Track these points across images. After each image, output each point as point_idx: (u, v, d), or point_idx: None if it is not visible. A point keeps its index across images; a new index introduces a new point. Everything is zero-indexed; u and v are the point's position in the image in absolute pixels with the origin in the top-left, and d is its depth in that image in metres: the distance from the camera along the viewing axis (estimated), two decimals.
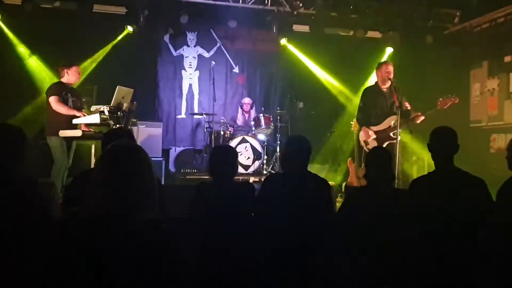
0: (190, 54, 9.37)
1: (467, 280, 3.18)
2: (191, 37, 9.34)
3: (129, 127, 6.44)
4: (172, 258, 1.86)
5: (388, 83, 6.22)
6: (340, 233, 3.62)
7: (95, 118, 5.88)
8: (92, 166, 5.67)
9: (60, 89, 6.13)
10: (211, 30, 9.37)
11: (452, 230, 3.21)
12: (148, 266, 1.78)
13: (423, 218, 3.27)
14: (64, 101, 6.11)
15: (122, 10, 8.25)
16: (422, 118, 6.02)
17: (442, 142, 3.44)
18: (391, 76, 6.20)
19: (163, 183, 7.51)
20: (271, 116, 8.56)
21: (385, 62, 6.42)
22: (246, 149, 8.25)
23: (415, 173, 8.06)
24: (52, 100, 6.02)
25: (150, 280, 1.79)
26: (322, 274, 3.43)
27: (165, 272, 1.82)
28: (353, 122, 6.83)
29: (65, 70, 6.20)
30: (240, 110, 9.17)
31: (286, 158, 3.79)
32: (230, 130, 8.61)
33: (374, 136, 6.24)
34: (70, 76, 6.21)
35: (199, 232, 3.47)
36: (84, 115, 6.02)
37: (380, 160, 3.56)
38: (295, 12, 8.62)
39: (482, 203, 3.32)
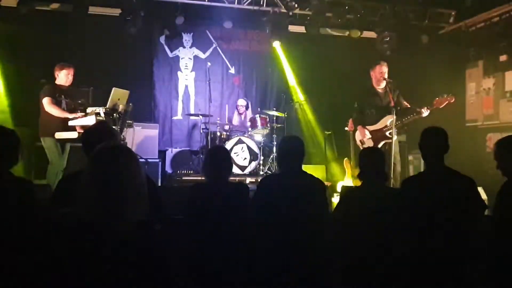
0: (186, 55, 9.36)
1: (457, 278, 3.21)
2: (186, 38, 9.34)
3: (125, 128, 6.45)
4: (162, 260, 1.86)
5: (383, 83, 6.26)
6: (335, 233, 3.63)
7: (90, 120, 5.89)
8: None
9: (53, 91, 6.13)
10: (207, 31, 9.37)
11: (442, 229, 3.23)
12: (138, 267, 1.78)
13: (413, 217, 3.29)
14: (57, 103, 6.11)
15: (117, 11, 8.22)
16: (428, 111, 6.05)
17: (432, 141, 3.46)
18: (385, 76, 6.23)
19: (159, 184, 7.51)
20: (267, 117, 8.57)
21: (378, 63, 6.40)
22: (243, 150, 8.25)
23: (411, 173, 8.07)
24: (45, 101, 6.03)
25: (140, 281, 1.79)
26: (318, 273, 3.43)
27: (155, 273, 1.82)
28: (349, 122, 6.84)
29: (56, 72, 6.23)
30: (236, 111, 9.18)
31: (280, 158, 3.80)
32: (226, 131, 8.61)
33: (369, 136, 6.26)
34: (60, 79, 6.23)
35: (194, 233, 3.47)
36: (78, 117, 6.02)
37: (372, 160, 3.58)
38: (290, 13, 8.62)
39: (471, 202, 3.34)
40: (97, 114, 5.92)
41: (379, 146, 6.15)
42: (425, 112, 6.04)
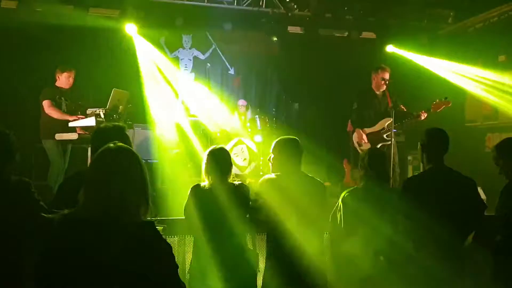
0: (186, 56, 9.38)
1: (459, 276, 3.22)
2: (186, 39, 9.35)
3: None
4: (163, 259, 1.87)
5: (383, 88, 6.28)
6: (330, 233, 3.65)
7: (90, 121, 5.90)
8: None
9: (53, 93, 6.15)
10: (206, 32, 9.37)
11: (444, 228, 3.24)
12: (139, 267, 1.79)
13: (415, 216, 3.30)
14: (57, 105, 6.13)
15: (117, 13, 8.23)
16: (426, 115, 6.09)
17: (434, 142, 3.47)
18: (387, 82, 6.22)
19: (159, 185, 7.51)
20: (266, 118, 8.58)
21: (382, 68, 6.36)
22: (242, 150, 8.26)
23: (410, 173, 8.08)
24: (45, 104, 6.06)
25: (141, 281, 1.79)
26: (317, 274, 3.44)
27: (156, 273, 1.83)
28: (349, 122, 6.85)
29: (58, 74, 6.26)
30: (236, 111, 9.18)
31: (278, 161, 3.76)
32: (226, 131, 8.61)
33: (366, 140, 6.29)
34: (61, 81, 6.26)
35: (194, 234, 3.47)
36: (77, 119, 6.03)
37: (373, 160, 3.59)
38: (289, 14, 8.64)
39: (472, 202, 3.36)
40: (97, 115, 5.94)
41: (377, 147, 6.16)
42: (423, 116, 6.08)
